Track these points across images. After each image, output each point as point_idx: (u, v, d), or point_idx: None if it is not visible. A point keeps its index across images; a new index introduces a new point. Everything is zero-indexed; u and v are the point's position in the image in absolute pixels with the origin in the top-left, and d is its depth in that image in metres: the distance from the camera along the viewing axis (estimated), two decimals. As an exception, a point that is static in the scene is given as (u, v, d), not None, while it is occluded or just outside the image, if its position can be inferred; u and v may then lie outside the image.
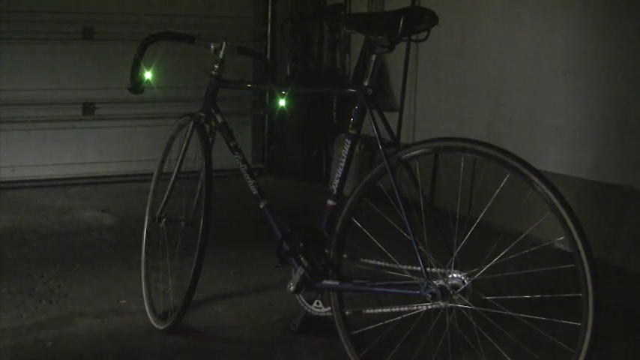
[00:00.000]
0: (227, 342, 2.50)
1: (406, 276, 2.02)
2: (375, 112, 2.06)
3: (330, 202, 2.16)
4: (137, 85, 2.47)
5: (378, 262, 2.10)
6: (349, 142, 2.11)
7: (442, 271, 1.91)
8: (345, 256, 2.15)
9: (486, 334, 2.25)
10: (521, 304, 2.38)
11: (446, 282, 1.89)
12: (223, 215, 4.21)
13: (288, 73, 5.52)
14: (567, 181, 3.65)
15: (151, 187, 2.77)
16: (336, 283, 2.12)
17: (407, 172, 2.05)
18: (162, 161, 2.75)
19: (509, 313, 2.08)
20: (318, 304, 2.22)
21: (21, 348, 2.39)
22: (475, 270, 1.89)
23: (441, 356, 2.27)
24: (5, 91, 4.82)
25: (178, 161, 2.60)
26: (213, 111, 2.53)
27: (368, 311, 2.19)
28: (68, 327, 2.58)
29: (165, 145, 2.73)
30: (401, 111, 4.76)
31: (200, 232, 2.41)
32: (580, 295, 1.71)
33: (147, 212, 2.76)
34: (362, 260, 2.13)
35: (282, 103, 2.68)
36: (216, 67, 2.53)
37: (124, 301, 2.86)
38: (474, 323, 2.06)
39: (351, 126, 2.11)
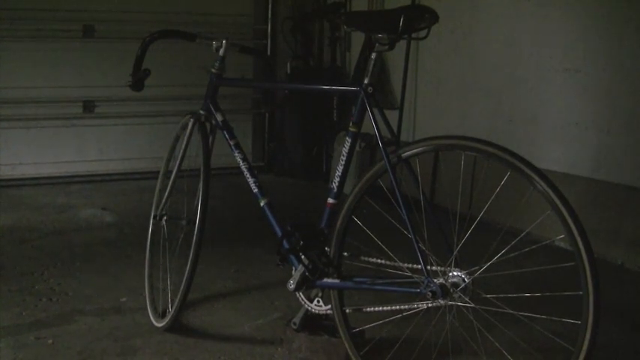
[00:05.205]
0: (227, 340, 2.50)
1: (406, 274, 2.02)
2: (376, 110, 2.06)
3: (330, 200, 2.16)
4: (138, 82, 2.47)
5: (379, 260, 2.10)
6: (349, 140, 2.11)
7: (442, 269, 1.91)
8: (345, 254, 2.15)
9: (486, 332, 2.25)
10: (521, 302, 2.37)
11: (446, 280, 1.89)
12: (224, 213, 4.21)
13: (288, 71, 5.52)
14: (568, 179, 3.65)
15: (157, 186, 2.76)
16: (337, 281, 2.12)
17: (407, 170, 2.05)
18: (168, 160, 2.75)
19: (510, 311, 2.08)
20: (318, 302, 2.22)
21: (22, 346, 2.39)
22: (475, 268, 1.89)
23: (441, 354, 2.27)
24: (6, 89, 4.81)
25: (179, 159, 2.60)
26: (213, 109, 2.52)
27: (368, 309, 2.19)
28: (69, 325, 2.59)
29: (171, 144, 2.73)
30: (401, 109, 4.76)
31: (196, 230, 2.42)
32: (580, 293, 1.71)
33: (152, 211, 2.75)
34: (362, 258, 2.13)
35: (282, 101, 2.68)
36: (217, 65, 2.53)
37: (124, 299, 2.86)
38: (474, 321, 2.06)
39: (351, 124, 2.11)
